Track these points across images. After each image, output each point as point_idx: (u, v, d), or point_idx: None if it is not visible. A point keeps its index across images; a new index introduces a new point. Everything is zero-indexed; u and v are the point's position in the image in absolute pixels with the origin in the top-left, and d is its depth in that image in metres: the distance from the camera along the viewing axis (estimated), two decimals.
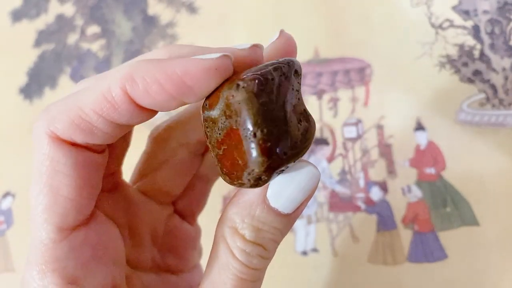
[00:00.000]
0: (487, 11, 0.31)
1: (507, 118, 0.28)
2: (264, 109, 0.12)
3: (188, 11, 0.36)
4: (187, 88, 0.12)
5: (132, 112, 0.12)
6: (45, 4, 0.41)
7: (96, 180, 0.13)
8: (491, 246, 0.25)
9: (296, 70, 0.13)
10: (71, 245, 0.13)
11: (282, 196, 0.13)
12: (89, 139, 0.12)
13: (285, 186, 0.13)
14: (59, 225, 0.13)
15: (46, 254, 0.12)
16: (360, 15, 0.32)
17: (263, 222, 0.13)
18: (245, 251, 0.13)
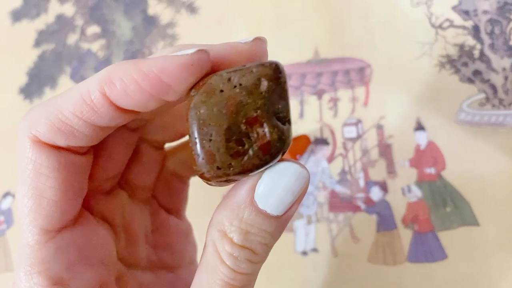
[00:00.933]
0: (487, 11, 0.31)
1: (507, 118, 0.28)
2: (201, 122, 0.12)
3: (188, 11, 0.36)
4: (165, 86, 0.12)
5: (111, 114, 0.12)
6: (45, 4, 0.41)
7: (80, 182, 0.13)
8: (491, 246, 0.25)
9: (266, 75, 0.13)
10: (57, 246, 0.13)
11: (270, 198, 0.13)
12: (71, 141, 0.13)
13: (272, 187, 0.13)
14: (44, 227, 0.13)
15: (32, 255, 0.13)
16: (360, 15, 0.32)
17: (251, 225, 0.13)
18: (233, 255, 0.13)
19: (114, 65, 0.12)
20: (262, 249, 0.13)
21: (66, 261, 0.13)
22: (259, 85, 0.13)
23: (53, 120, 0.12)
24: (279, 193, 0.13)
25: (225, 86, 0.12)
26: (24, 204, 0.13)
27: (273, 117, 0.13)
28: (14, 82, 0.39)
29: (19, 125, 0.13)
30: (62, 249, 0.13)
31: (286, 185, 0.13)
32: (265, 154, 0.12)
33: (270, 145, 0.12)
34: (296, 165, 0.13)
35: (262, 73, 0.13)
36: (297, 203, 0.13)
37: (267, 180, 0.13)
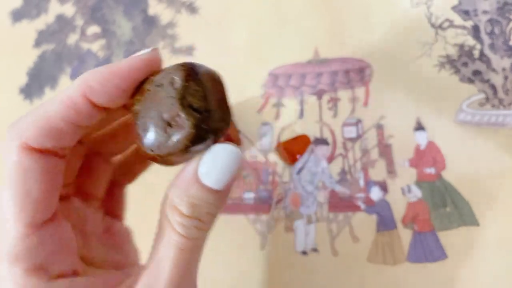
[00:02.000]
0: (487, 11, 0.31)
1: (507, 118, 0.28)
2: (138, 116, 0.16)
3: (188, 11, 0.36)
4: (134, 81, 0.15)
5: (92, 113, 0.15)
6: (45, 4, 0.41)
7: (59, 182, 0.16)
8: (491, 246, 0.25)
9: (179, 75, 0.15)
10: (40, 238, 0.15)
11: (211, 174, 0.15)
12: (58, 143, 0.15)
13: (212, 165, 0.15)
14: (29, 222, 0.15)
15: (17, 246, 0.14)
16: (360, 15, 0.32)
17: (197, 198, 0.15)
18: (182, 224, 0.15)
19: (87, 72, 0.15)
20: (207, 217, 0.15)
21: (47, 250, 0.15)
22: (173, 83, 0.15)
23: (43, 126, 0.14)
24: (218, 170, 0.15)
25: (151, 87, 0.16)
26: (12, 203, 0.14)
27: (188, 108, 0.15)
28: (14, 82, 0.39)
29: (7, 133, 0.15)
30: (44, 240, 0.15)
31: (223, 163, 0.15)
32: (186, 139, 0.15)
33: (189, 131, 0.15)
34: (229, 145, 0.15)
35: (176, 73, 0.15)
36: (235, 178, 0.16)
37: (207, 159, 0.15)
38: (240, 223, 0.29)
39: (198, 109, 0.15)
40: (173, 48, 0.35)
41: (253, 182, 0.30)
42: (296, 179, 0.29)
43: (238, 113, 0.31)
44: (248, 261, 0.28)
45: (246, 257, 0.28)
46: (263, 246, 0.28)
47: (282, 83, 0.32)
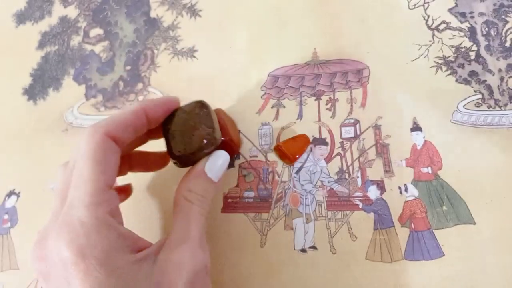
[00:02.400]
0: (483, 13, 0.31)
1: (503, 118, 0.28)
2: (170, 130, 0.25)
3: (190, 13, 0.37)
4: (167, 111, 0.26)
5: (145, 122, 0.24)
6: (49, 7, 0.42)
7: (119, 161, 0.23)
8: (487, 244, 0.26)
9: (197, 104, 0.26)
10: (112, 194, 0.22)
11: (213, 170, 0.25)
12: (125, 137, 0.23)
13: (214, 164, 0.25)
14: (108, 182, 0.22)
15: (99, 197, 0.21)
16: (358, 17, 0.33)
17: (204, 185, 0.25)
18: (196, 198, 0.24)
19: (147, 99, 0.26)
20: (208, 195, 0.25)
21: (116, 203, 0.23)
22: (194, 110, 0.26)
23: (119, 123, 0.23)
24: (217, 168, 0.25)
25: (179, 113, 0.26)
26: (95, 168, 0.21)
27: (203, 125, 0.25)
28: (18, 83, 0.39)
29: (91, 127, 0.22)
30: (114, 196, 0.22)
31: (220, 163, 0.25)
32: (201, 143, 0.24)
33: (203, 138, 0.25)
34: (224, 152, 0.26)
35: (195, 104, 0.26)
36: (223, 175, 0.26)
37: (211, 160, 0.25)
38: (241, 221, 0.29)
39: (209, 127, 0.25)
40: (175, 49, 0.36)
41: (253, 181, 0.30)
42: (295, 178, 0.29)
43: (239, 114, 0.32)
44: (248, 259, 0.28)
45: (246, 254, 0.28)
46: (263, 244, 0.28)
47: (281, 84, 0.32)
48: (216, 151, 0.25)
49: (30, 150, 0.36)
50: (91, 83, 0.37)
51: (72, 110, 0.36)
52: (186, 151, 0.24)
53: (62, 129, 0.36)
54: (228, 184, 0.30)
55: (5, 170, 0.36)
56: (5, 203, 0.35)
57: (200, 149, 0.24)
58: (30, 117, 0.37)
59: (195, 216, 0.24)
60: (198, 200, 0.24)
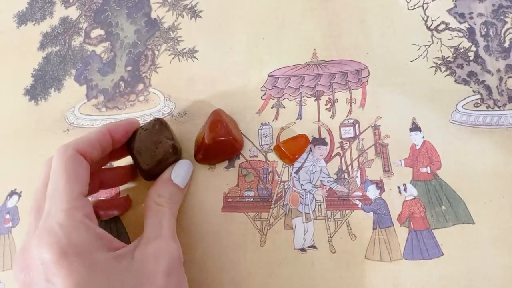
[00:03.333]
0: (482, 13, 0.31)
1: (501, 118, 0.28)
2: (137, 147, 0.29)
3: (190, 14, 0.37)
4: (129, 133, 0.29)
5: (110, 142, 0.27)
6: (50, 8, 0.42)
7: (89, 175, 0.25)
8: (486, 244, 0.26)
9: (155, 122, 0.29)
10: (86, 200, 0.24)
11: (178, 177, 0.28)
12: (93, 154, 0.26)
13: (179, 171, 0.29)
14: (81, 190, 0.24)
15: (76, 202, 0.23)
16: (357, 18, 0.33)
17: (171, 190, 0.28)
18: (165, 201, 0.27)
19: (110, 123, 0.28)
20: (175, 199, 0.28)
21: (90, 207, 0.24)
22: (154, 126, 0.29)
23: (88, 141, 0.26)
24: (183, 174, 0.29)
25: (140, 131, 0.29)
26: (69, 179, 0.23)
27: (164, 138, 0.29)
28: (19, 84, 0.39)
29: (63, 145, 0.25)
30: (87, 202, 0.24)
31: (185, 170, 0.29)
32: (165, 154, 0.28)
33: (168, 149, 0.28)
34: (187, 160, 0.30)
35: (154, 122, 0.29)
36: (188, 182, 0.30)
37: (177, 168, 0.29)
38: (241, 221, 0.29)
39: (170, 139, 0.29)
40: (175, 50, 0.36)
41: (253, 181, 0.30)
42: (295, 178, 0.29)
43: (239, 114, 0.32)
44: (248, 258, 0.28)
45: (246, 253, 0.28)
46: (262, 243, 0.28)
47: (281, 84, 0.32)
48: (181, 160, 0.29)
49: (32, 150, 0.36)
50: (92, 83, 0.37)
51: (73, 110, 0.36)
52: (153, 164, 0.28)
53: (64, 129, 0.36)
54: (228, 184, 0.30)
55: (6, 170, 0.36)
56: (6, 202, 0.35)
57: (166, 159, 0.28)
58: (32, 118, 0.37)
59: (166, 216, 0.26)
60: (167, 203, 0.27)
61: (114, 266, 0.22)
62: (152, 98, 0.35)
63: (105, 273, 0.21)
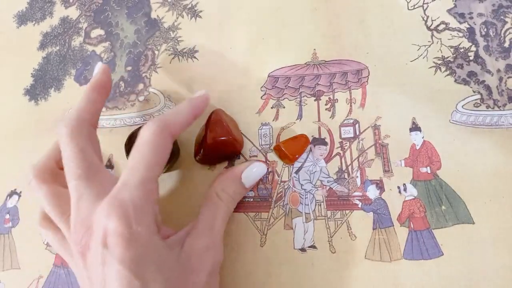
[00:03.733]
0: (482, 13, 0.31)
1: (501, 118, 0.28)
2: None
3: (190, 14, 0.37)
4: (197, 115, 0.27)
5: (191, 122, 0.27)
6: (50, 8, 0.42)
7: None
8: (486, 244, 0.26)
9: None
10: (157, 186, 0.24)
11: (249, 179, 0.28)
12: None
13: (251, 174, 0.28)
14: (159, 174, 0.24)
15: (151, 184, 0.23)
16: (357, 18, 0.33)
17: (236, 188, 0.28)
18: (226, 197, 0.27)
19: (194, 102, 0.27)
20: (236, 196, 0.28)
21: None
22: None
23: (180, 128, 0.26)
24: (252, 177, 0.28)
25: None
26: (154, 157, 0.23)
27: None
28: (19, 84, 0.39)
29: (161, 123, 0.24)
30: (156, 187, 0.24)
31: (259, 173, 0.28)
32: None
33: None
34: (261, 163, 0.28)
35: None
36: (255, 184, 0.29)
37: (249, 170, 0.28)
38: (241, 221, 0.29)
39: None
40: (175, 50, 0.36)
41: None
42: (295, 178, 0.29)
43: (239, 114, 0.32)
44: (248, 258, 0.28)
45: (246, 253, 0.28)
46: (262, 243, 0.28)
47: (281, 84, 0.32)
48: (255, 161, 0.28)
49: (32, 151, 0.36)
50: None
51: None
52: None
53: None
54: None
55: (6, 170, 0.36)
56: (6, 202, 0.35)
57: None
58: (32, 118, 0.37)
59: (222, 213, 0.26)
60: (228, 200, 0.27)
61: (166, 253, 0.22)
62: (152, 98, 0.35)
63: (159, 257, 0.22)
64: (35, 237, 0.33)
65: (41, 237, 0.33)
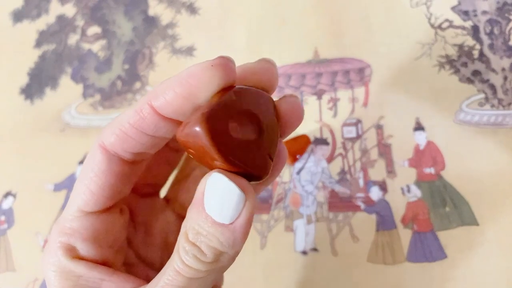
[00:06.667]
0: (487, 11, 0.31)
1: (506, 118, 0.28)
2: None
3: (188, 11, 0.36)
4: (193, 88, 0.14)
5: (156, 122, 0.15)
6: (46, 5, 0.41)
7: (119, 186, 0.17)
8: (491, 246, 0.25)
9: None
10: (81, 223, 0.17)
11: (212, 204, 0.14)
12: (126, 146, 0.16)
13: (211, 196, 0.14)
14: (80, 207, 0.17)
15: (62, 224, 0.17)
16: (359, 15, 0.33)
17: (202, 228, 0.14)
18: (185, 249, 0.14)
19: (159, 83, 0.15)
20: (209, 251, 0.14)
21: (83, 236, 0.17)
22: None
23: (114, 129, 0.16)
24: (216, 201, 0.14)
25: None
26: (75, 187, 0.17)
27: None
28: (15, 83, 0.39)
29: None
30: (84, 227, 0.17)
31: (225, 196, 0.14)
32: None
33: None
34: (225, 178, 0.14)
35: None
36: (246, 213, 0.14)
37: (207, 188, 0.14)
38: None
39: None
40: (173, 48, 0.35)
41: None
42: (296, 179, 0.29)
43: None
44: (248, 260, 0.28)
45: (246, 256, 0.28)
46: (263, 246, 0.28)
47: (282, 83, 0.32)
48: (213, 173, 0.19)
49: (27, 151, 0.35)
50: (88, 82, 0.37)
51: (70, 109, 0.36)
52: None
53: (60, 129, 0.35)
54: None
55: (1, 170, 0.36)
56: (1, 204, 0.35)
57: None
58: (27, 117, 0.37)
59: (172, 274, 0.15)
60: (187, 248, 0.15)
61: None
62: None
63: None
64: (30, 239, 0.33)
65: (37, 239, 0.33)
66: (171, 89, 0.14)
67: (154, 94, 0.15)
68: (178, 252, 0.14)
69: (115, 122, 0.16)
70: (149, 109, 0.15)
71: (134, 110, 0.15)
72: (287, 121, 0.16)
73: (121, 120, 0.15)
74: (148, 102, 0.15)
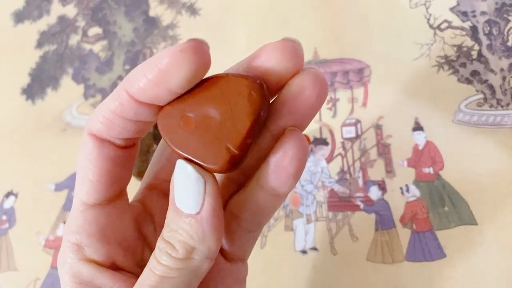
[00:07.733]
0: (485, 12, 0.31)
1: (505, 118, 0.28)
2: None
3: (189, 12, 0.37)
4: (163, 74, 0.13)
5: (135, 107, 0.15)
6: (47, 6, 0.41)
7: (116, 171, 0.16)
8: (489, 245, 0.25)
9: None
10: (85, 218, 0.16)
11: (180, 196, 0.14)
12: (112, 133, 0.15)
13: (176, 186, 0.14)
14: (83, 199, 0.16)
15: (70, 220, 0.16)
16: (358, 16, 0.33)
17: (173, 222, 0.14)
18: (159, 247, 0.14)
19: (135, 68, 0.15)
20: (180, 246, 0.14)
21: (88, 231, 0.16)
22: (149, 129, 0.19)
23: (99, 115, 0.15)
24: (180, 191, 0.14)
25: None
26: (75, 182, 0.16)
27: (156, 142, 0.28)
28: (16, 83, 0.39)
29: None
30: (88, 221, 0.16)
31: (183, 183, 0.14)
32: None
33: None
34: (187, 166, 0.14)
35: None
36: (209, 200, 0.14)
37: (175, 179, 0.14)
38: None
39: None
40: None
41: None
42: None
43: None
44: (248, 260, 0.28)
45: None
46: (263, 245, 0.28)
47: None
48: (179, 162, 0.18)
49: (29, 150, 0.36)
50: (89, 82, 0.37)
51: (71, 110, 0.36)
52: (144, 168, 0.24)
53: (61, 129, 0.35)
54: None
55: (3, 170, 0.36)
56: (3, 203, 0.35)
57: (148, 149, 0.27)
58: (29, 117, 0.37)
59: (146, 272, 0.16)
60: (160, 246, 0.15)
61: None
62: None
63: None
64: (32, 239, 0.33)
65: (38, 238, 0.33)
66: (143, 76, 0.14)
67: (129, 81, 0.14)
68: (154, 252, 0.14)
69: (99, 109, 0.15)
70: (126, 96, 0.14)
71: (112, 97, 0.15)
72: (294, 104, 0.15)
73: (103, 107, 0.15)
74: (124, 88, 0.15)
